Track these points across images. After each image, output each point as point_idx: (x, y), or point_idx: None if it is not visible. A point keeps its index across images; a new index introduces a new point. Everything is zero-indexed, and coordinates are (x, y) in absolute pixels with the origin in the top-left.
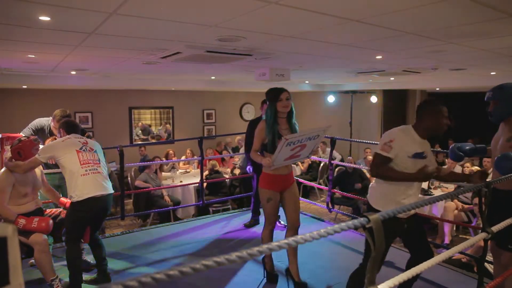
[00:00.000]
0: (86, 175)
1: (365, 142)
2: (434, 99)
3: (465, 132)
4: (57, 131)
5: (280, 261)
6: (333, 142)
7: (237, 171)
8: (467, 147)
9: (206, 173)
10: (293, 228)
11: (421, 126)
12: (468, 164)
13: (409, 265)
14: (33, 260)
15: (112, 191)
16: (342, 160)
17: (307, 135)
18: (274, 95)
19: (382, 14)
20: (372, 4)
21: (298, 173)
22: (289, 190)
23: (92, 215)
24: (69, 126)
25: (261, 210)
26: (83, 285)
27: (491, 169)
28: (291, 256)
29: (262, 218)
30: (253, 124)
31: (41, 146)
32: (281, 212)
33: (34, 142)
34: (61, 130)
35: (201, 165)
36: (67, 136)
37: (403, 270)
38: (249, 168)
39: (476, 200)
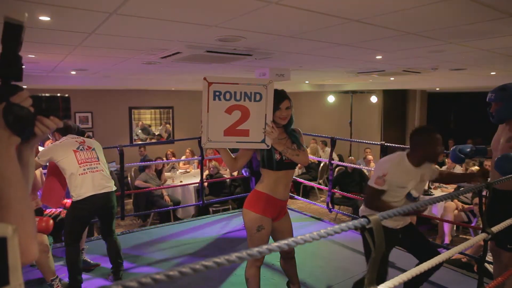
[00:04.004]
0: (85, 174)
1: (365, 142)
2: (428, 127)
3: (464, 132)
4: (51, 135)
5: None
6: (333, 142)
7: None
8: (468, 149)
9: (206, 173)
10: (288, 257)
11: (416, 155)
12: (463, 166)
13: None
14: None
15: (114, 189)
16: (341, 160)
17: (241, 83)
18: (275, 103)
19: (382, 14)
20: (372, 4)
21: (299, 172)
22: (282, 221)
23: (92, 213)
24: (62, 129)
25: None
26: (83, 285)
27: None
28: (291, 277)
29: None
30: None
31: (40, 148)
32: None
33: None
34: (55, 134)
35: (201, 165)
36: (64, 137)
37: (404, 271)
38: (245, 171)
39: (476, 200)
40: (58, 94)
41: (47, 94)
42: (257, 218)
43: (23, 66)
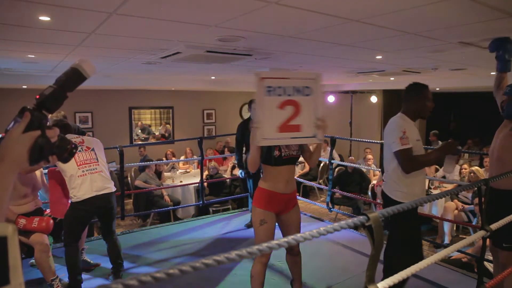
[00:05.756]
0: (84, 176)
1: (365, 141)
2: (418, 83)
3: (464, 132)
4: None
5: (280, 260)
6: (333, 142)
7: (237, 171)
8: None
9: (206, 173)
10: (293, 253)
11: (409, 110)
12: (466, 166)
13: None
14: (33, 260)
15: (114, 189)
16: (342, 160)
17: (292, 78)
18: None
19: (382, 14)
20: (372, 4)
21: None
22: (290, 213)
23: (91, 214)
24: (62, 128)
25: None
26: (83, 285)
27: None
28: (294, 274)
29: None
30: (243, 125)
31: None
32: None
33: None
34: None
35: (201, 165)
36: None
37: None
38: (241, 173)
39: (477, 200)
40: (71, 139)
41: (62, 135)
42: (260, 213)
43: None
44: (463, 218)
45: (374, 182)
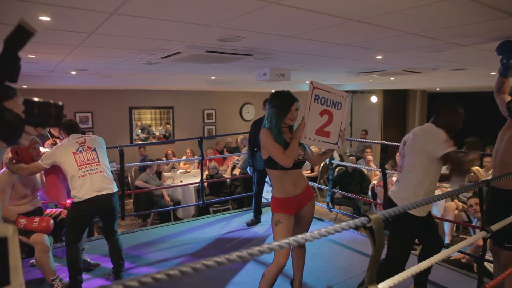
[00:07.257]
0: (84, 177)
1: (365, 142)
2: (456, 103)
3: (464, 132)
4: (58, 133)
5: None
6: None
7: (237, 171)
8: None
9: (206, 173)
10: (298, 246)
11: (438, 122)
12: None
13: (421, 257)
14: (33, 260)
15: (115, 190)
16: (342, 160)
17: (332, 92)
18: (287, 105)
19: (382, 14)
20: (372, 4)
21: None
22: (304, 209)
23: (92, 214)
24: (68, 127)
25: (263, 209)
26: (83, 285)
27: (491, 170)
28: (296, 270)
29: (263, 217)
30: (257, 124)
31: (41, 148)
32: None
33: (30, 141)
34: (61, 132)
35: (201, 165)
36: (67, 138)
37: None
38: (249, 169)
39: (471, 201)
40: (51, 101)
41: (40, 100)
42: (275, 215)
43: (20, 68)
44: (463, 218)
45: (374, 182)
